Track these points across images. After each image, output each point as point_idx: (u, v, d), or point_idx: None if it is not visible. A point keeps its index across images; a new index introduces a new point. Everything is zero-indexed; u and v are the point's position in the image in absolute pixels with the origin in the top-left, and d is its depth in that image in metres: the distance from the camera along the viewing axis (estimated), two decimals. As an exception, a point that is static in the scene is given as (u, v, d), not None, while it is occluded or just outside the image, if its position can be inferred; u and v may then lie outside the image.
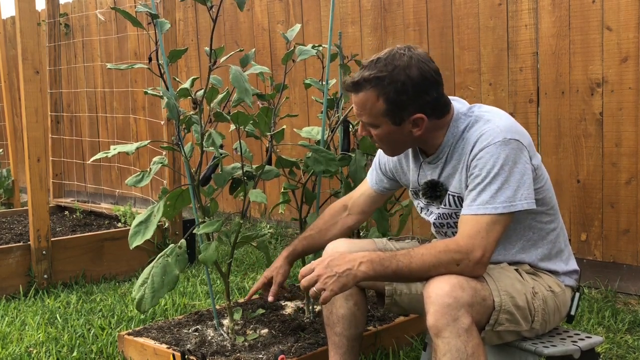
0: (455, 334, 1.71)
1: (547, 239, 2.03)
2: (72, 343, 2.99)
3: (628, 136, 3.41)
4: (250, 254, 4.59)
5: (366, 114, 1.94)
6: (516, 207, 1.83)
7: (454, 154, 1.97)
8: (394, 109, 1.90)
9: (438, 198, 2.04)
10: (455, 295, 1.73)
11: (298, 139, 3.06)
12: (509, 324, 1.85)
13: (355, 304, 2.16)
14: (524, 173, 1.85)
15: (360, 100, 1.93)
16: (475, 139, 1.90)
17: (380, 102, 1.90)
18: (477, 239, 1.81)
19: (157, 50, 2.54)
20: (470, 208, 1.85)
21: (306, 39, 4.84)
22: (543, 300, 1.93)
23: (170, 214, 2.63)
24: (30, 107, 3.90)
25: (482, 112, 1.97)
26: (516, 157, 1.85)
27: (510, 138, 1.86)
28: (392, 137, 1.97)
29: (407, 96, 1.89)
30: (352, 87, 1.94)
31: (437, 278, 1.78)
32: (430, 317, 1.74)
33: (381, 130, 1.95)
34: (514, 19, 3.76)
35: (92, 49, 7.01)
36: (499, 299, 1.83)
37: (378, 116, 1.92)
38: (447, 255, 1.80)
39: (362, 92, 1.91)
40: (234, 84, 2.33)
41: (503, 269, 1.94)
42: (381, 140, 2.00)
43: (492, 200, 1.83)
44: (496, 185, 1.83)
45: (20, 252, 3.89)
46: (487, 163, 1.85)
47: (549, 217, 2.02)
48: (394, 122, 1.93)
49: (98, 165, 7.02)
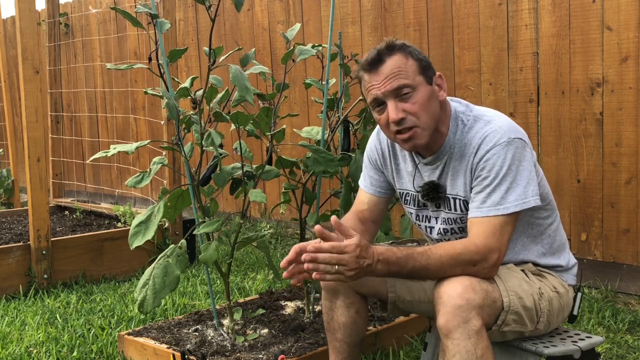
0: (466, 336, 1.70)
1: (546, 233, 2.03)
2: (72, 343, 2.99)
3: (628, 136, 3.41)
4: (250, 254, 4.59)
5: (403, 74, 1.88)
6: (528, 203, 1.84)
7: (455, 154, 1.95)
8: (423, 65, 1.92)
9: (439, 200, 2.02)
10: (467, 297, 1.72)
11: (298, 139, 3.06)
12: (515, 325, 1.86)
13: (357, 312, 2.13)
14: (530, 170, 1.87)
15: (392, 64, 1.89)
16: (479, 140, 1.89)
17: (411, 61, 1.90)
18: (492, 240, 1.81)
19: (157, 50, 2.54)
20: (481, 210, 1.85)
21: (306, 38, 4.84)
22: (549, 301, 1.94)
23: (170, 214, 2.63)
24: (30, 107, 3.90)
25: (480, 112, 1.97)
26: (521, 155, 1.86)
27: (514, 137, 1.87)
28: (431, 103, 1.92)
29: (425, 57, 1.95)
30: (377, 58, 1.90)
31: (449, 279, 1.77)
32: (441, 318, 1.73)
33: (419, 93, 1.89)
34: (514, 19, 3.76)
35: (92, 49, 7.01)
36: (508, 300, 1.83)
37: (415, 74, 1.90)
38: (465, 257, 1.79)
39: (390, 59, 1.89)
40: (234, 82, 2.33)
41: (510, 269, 1.94)
42: (422, 108, 1.89)
43: (503, 201, 1.83)
44: (505, 185, 1.84)
45: (20, 252, 3.89)
46: (495, 164, 1.85)
47: (546, 212, 2.02)
48: (427, 81, 1.92)
49: (98, 165, 7.02)
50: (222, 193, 3.11)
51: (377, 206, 2.18)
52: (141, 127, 6.45)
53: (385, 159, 2.14)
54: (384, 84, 1.88)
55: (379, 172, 2.17)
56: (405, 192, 2.12)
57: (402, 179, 2.12)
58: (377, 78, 1.90)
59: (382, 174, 2.17)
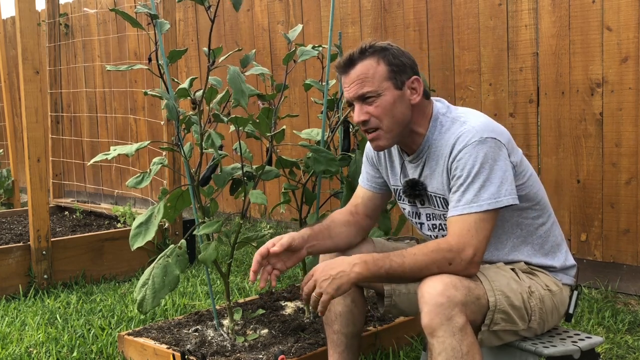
0: (450, 333, 1.72)
1: (537, 234, 2.04)
2: (72, 343, 2.99)
3: (628, 136, 3.41)
4: (250, 254, 4.59)
5: (369, 81, 1.94)
6: (501, 202, 1.85)
7: (433, 154, 1.99)
8: (394, 69, 1.95)
9: (418, 197, 2.06)
10: (448, 294, 1.73)
11: (298, 140, 3.06)
12: (505, 324, 1.86)
13: (353, 301, 2.16)
14: (505, 170, 1.87)
15: (361, 70, 1.95)
16: (454, 140, 1.92)
17: (382, 66, 1.94)
18: (467, 237, 1.82)
19: (156, 50, 2.54)
20: (456, 209, 1.87)
21: (306, 39, 4.84)
22: (540, 299, 1.94)
23: (170, 215, 2.63)
24: (30, 107, 3.90)
25: (458, 114, 2.00)
26: (495, 154, 1.87)
27: (487, 137, 1.88)
28: (396, 108, 1.95)
29: (403, 59, 1.97)
30: (349, 62, 1.96)
31: (430, 278, 1.79)
32: (424, 317, 1.75)
33: (385, 98, 1.94)
34: (514, 19, 3.76)
35: (92, 49, 7.01)
36: (494, 299, 1.83)
37: (381, 80, 1.94)
38: (439, 254, 1.81)
39: (360, 63, 1.95)
40: (231, 84, 2.34)
41: (499, 268, 1.95)
42: (385, 112, 1.94)
43: (476, 199, 1.84)
44: (478, 183, 1.85)
45: (20, 252, 3.89)
46: (467, 163, 1.87)
47: (535, 212, 2.03)
48: (396, 86, 1.95)
49: (98, 165, 7.02)
50: (222, 193, 3.11)
51: (371, 201, 2.23)
52: (141, 128, 6.45)
53: (380, 156, 2.19)
54: (351, 88, 1.97)
55: (374, 169, 2.23)
56: (397, 189, 2.17)
57: (395, 176, 2.16)
58: (346, 81, 1.99)
59: (378, 170, 2.22)
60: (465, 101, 3.98)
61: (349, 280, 1.81)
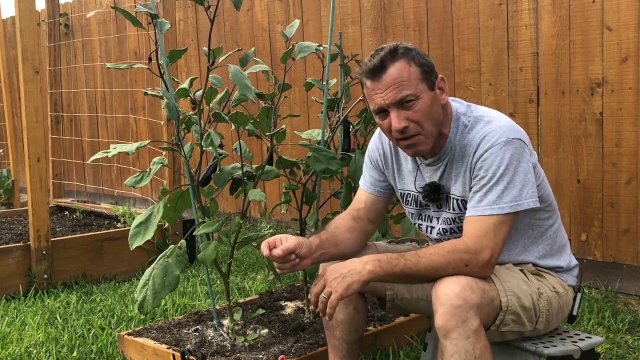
0: (464, 336, 1.70)
1: (547, 235, 2.03)
2: (72, 343, 2.99)
3: (628, 136, 3.41)
4: (250, 254, 4.59)
5: (406, 83, 1.86)
6: (522, 205, 1.84)
7: (456, 156, 1.96)
8: (426, 70, 1.90)
9: (440, 200, 2.02)
10: (465, 296, 1.72)
11: (298, 140, 3.06)
12: (514, 325, 1.86)
13: (355, 309, 2.13)
14: (528, 171, 1.86)
15: (396, 73, 1.86)
16: (479, 140, 1.89)
17: (414, 67, 1.88)
18: (485, 239, 1.80)
19: (157, 50, 2.54)
20: (477, 209, 1.85)
21: (306, 39, 4.84)
22: (548, 301, 1.93)
23: (171, 216, 2.63)
24: (30, 107, 3.90)
25: (481, 113, 1.97)
26: (519, 156, 1.85)
27: (513, 138, 1.87)
28: (434, 110, 1.90)
29: (428, 59, 1.92)
30: (380, 65, 1.86)
31: (446, 279, 1.77)
32: (439, 318, 1.73)
33: (422, 101, 1.87)
34: (514, 19, 3.76)
35: (92, 49, 7.01)
36: (506, 300, 1.83)
37: (417, 82, 1.87)
38: (455, 255, 1.79)
39: (393, 66, 1.86)
40: (235, 81, 2.32)
41: (509, 269, 1.94)
42: (425, 116, 1.88)
43: (499, 201, 1.83)
44: (502, 185, 1.83)
45: (20, 252, 3.89)
46: (492, 164, 1.85)
47: (547, 213, 2.02)
48: (430, 87, 1.90)
49: (98, 165, 7.02)
50: (222, 193, 3.10)
51: (374, 205, 2.18)
52: (141, 127, 6.45)
53: (387, 160, 2.14)
54: (387, 94, 1.87)
55: (379, 172, 2.17)
56: (406, 193, 2.12)
57: (404, 180, 2.12)
58: (379, 86, 1.88)
59: (383, 174, 2.17)
60: (465, 101, 3.98)
61: (361, 278, 1.78)
